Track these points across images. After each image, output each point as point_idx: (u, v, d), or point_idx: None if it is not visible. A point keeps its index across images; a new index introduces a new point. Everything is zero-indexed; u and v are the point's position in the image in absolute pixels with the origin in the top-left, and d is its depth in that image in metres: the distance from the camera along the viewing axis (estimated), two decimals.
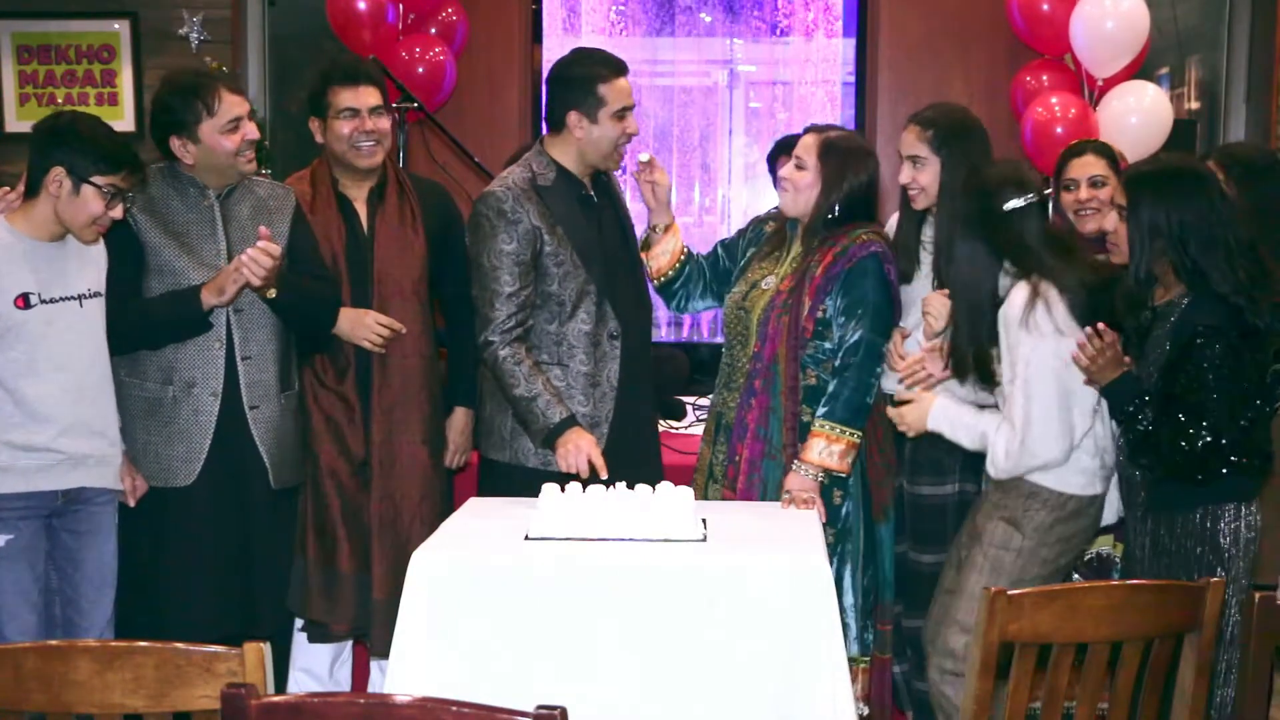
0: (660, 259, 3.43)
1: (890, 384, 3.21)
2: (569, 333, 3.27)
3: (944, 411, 2.98)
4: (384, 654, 3.33)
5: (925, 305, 3.14)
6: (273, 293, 3.17)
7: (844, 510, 3.14)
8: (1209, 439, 2.66)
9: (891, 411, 3.06)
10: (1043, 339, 2.80)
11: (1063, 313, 2.82)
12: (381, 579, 3.37)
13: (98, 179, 2.94)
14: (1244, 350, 2.71)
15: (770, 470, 3.14)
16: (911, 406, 3.03)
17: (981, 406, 3.01)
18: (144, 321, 3.13)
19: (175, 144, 3.18)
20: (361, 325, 3.36)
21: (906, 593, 3.29)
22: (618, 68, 3.30)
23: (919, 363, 3.11)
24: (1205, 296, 2.73)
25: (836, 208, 3.14)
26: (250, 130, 3.21)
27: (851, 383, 3.08)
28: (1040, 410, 2.81)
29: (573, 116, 3.27)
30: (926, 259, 3.27)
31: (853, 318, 3.09)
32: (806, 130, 3.28)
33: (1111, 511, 3.00)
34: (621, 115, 3.27)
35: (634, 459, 3.08)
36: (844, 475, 3.08)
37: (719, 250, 3.45)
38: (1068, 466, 2.87)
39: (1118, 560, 3.33)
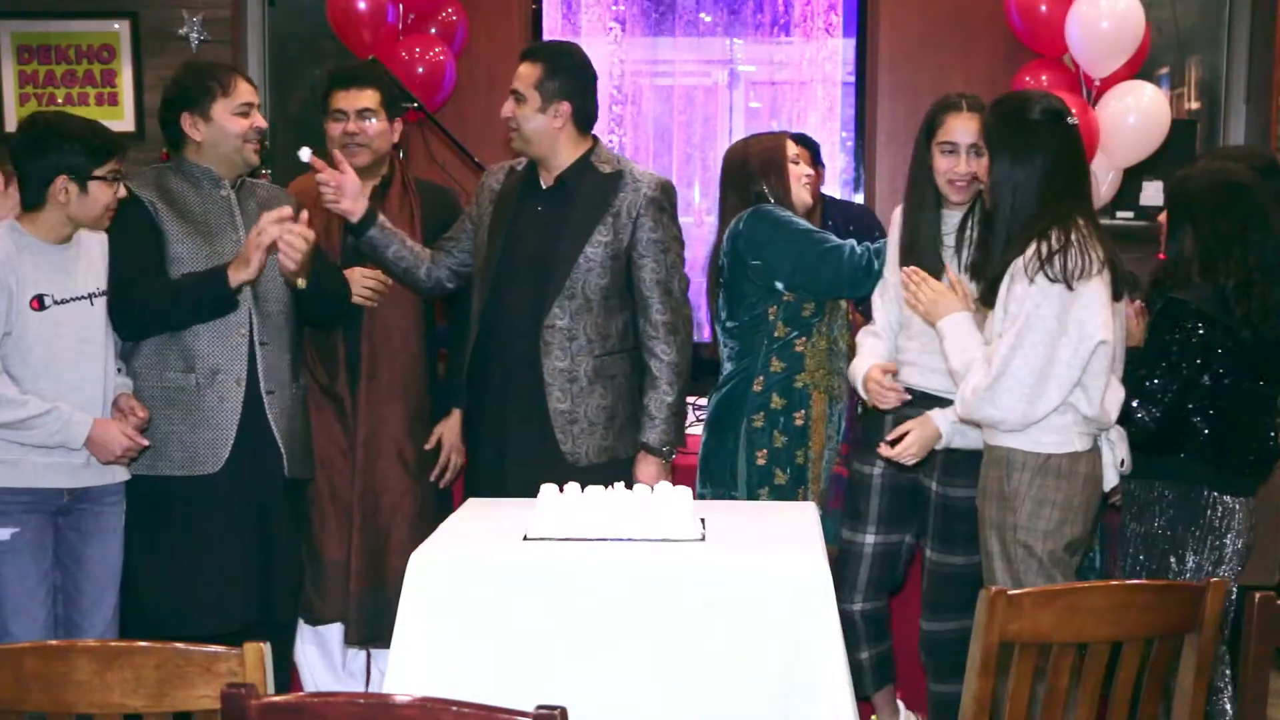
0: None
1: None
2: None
3: (960, 320, 2.91)
4: (360, 644, 3.52)
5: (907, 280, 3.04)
6: (303, 283, 3.18)
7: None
8: (1153, 410, 2.92)
9: (908, 276, 2.99)
10: (1046, 299, 2.71)
11: (1092, 265, 2.74)
12: (359, 570, 3.43)
13: (99, 172, 2.99)
14: (1209, 337, 2.90)
15: None
16: (939, 292, 2.95)
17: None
18: (173, 301, 3.12)
19: (186, 121, 3.20)
20: (351, 283, 3.44)
21: (930, 596, 3.27)
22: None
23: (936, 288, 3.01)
24: (1206, 281, 2.94)
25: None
26: (259, 120, 3.25)
27: None
28: (1020, 364, 2.74)
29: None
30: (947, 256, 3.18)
31: None
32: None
33: (1112, 473, 2.93)
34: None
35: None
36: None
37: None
38: (1039, 426, 2.79)
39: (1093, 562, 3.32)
